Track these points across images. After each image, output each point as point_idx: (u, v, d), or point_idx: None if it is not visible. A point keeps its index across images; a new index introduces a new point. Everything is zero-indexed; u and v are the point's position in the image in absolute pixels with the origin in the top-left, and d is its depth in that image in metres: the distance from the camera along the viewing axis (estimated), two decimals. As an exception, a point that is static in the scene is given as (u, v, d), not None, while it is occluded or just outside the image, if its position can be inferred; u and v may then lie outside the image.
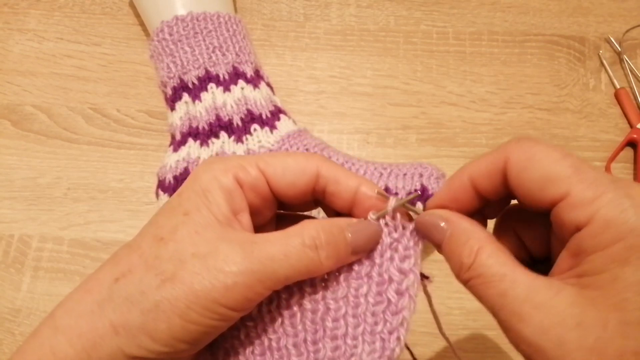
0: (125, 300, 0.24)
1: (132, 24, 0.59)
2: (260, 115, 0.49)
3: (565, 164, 0.22)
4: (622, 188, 0.21)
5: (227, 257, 0.23)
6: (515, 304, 0.22)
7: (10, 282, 0.48)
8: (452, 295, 0.46)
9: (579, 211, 0.21)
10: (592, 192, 0.21)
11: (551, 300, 0.21)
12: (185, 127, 0.49)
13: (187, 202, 0.25)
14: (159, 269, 0.24)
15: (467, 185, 0.26)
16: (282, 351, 0.26)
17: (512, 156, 0.24)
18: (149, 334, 0.23)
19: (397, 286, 0.25)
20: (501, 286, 0.22)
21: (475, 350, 0.46)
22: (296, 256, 0.24)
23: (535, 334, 0.21)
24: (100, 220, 0.50)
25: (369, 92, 0.56)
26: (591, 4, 0.60)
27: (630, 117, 0.54)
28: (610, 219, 0.21)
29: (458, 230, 0.25)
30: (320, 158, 0.27)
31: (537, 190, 0.23)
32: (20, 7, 0.59)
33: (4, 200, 0.51)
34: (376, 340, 0.25)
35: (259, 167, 0.26)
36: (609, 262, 0.21)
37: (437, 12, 0.60)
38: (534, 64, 0.57)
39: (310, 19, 0.59)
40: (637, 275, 0.20)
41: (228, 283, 0.23)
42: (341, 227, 0.26)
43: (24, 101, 0.55)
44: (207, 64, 0.49)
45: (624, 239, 0.20)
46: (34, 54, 0.57)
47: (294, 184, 0.26)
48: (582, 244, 0.21)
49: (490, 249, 0.23)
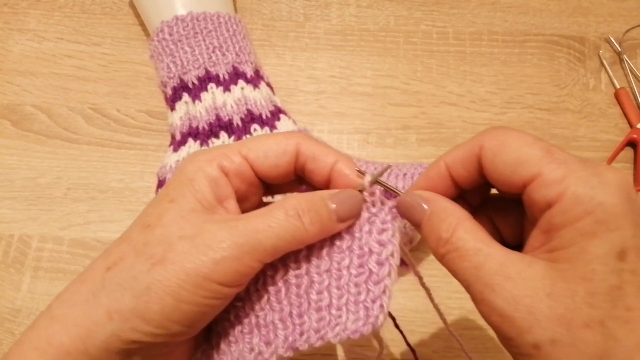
0: (118, 286, 0.24)
1: (132, 24, 0.59)
2: (260, 115, 0.49)
3: (536, 147, 0.23)
4: (590, 167, 0.22)
5: (214, 235, 0.24)
6: (488, 275, 0.23)
7: (10, 282, 0.48)
8: (452, 295, 0.46)
9: (550, 189, 0.22)
10: (562, 171, 0.22)
11: (523, 272, 0.22)
12: (185, 127, 0.49)
13: (173, 191, 0.26)
14: (148, 254, 0.24)
15: (444, 174, 0.27)
16: (269, 327, 0.26)
17: (485, 143, 0.25)
18: (142, 317, 0.24)
19: (377, 257, 0.26)
20: (476, 259, 0.23)
21: (475, 350, 0.46)
22: (280, 225, 0.25)
23: (506, 304, 0.22)
24: (100, 220, 0.50)
25: (369, 92, 0.56)
26: (591, 4, 0.60)
27: (630, 117, 0.54)
28: (579, 195, 0.22)
29: (438, 209, 0.26)
30: (300, 136, 0.28)
31: (510, 172, 0.24)
32: (20, 7, 0.59)
33: (4, 200, 0.51)
34: (360, 309, 0.25)
35: (241, 154, 0.27)
36: (578, 235, 0.21)
37: (437, 12, 0.60)
38: (534, 64, 0.57)
39: (310, 19, 0.59)
40: (603, 248, 0.21)
41: (216, 258, 0.24)
42: (322, 196, 0.27)
43: (24, 101, 0.55)
44: (207, 64, 0.49)
45: (592, 213, 0.21)
46: (34, 54, 0.57)
47: (276, 165, 0.27)
48: (552, 220, 0.22)
49: (468, 225, 0.24)
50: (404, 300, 0.47)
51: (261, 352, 0.26)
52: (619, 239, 0.21)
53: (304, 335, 0.26)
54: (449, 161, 0.26)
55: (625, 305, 0.21)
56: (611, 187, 0.22)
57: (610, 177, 0.22)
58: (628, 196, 0.22)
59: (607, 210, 0.21)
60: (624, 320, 0.21)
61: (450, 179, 0.27)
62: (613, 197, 0.21)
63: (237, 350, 0.27)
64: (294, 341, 0.26)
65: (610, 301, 0.21)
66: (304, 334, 0.26)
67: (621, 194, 0.22)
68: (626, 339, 0.20)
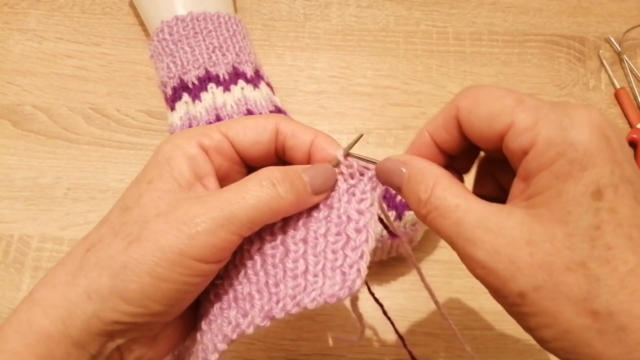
0: (95, 265, 0.24)
1: (132, 24, 0.59)
2: (260, 115, 0.49)
3: (508, 98, 0.23)
4: (561, 109, 0.22)
5: (187, 210, 0.24)
6: (469, 230, 0.23)
7: (10, 282, 0.48)
8: (452, 296, 0.46)
9: (523, 137, 0.22)
10: (533, 118, 0.22)
11: (502, 223, 0.22)
12: (185, 127, 0.49)
13: (150, 172, 0.26)
14: (124, 233, 0.24)
15: (428, 142, 0.27)
16: (246, 299, 0.26)
17: (460, 102, 0.25)
18: (121, 296, 0.23)
19: (356, 224, 0.27)
20: (456, 215, 0.23)
21: (475, 350, 0.46)
22: (254, 196, 0.25)
23: (487, 256, 0.22)
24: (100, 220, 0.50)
25: (369, 92, 0.56)
26: (591, 4, 0.60)
27: (630, 117, 0.54)
28: (550, 138, 0.21)
29: (415, 170, 0.26)
30: (278, 116, 0.28)
31: (486, 127, 0.24)
32: (20, 7, 0.59)
33: (4, 200, 0.51)
34: (337, 274, 0.25)
35: (221, 132, 0.27)
36: (553, 178, 0.21)
37: (437, 12, 0.60)
38: (534, 64, 0.57)
39: (310, 19, 0.59)
40: (578, 188, 0.21)
41: (191, 233, 0.23)
42: (296, 170, 0.27)
43: (24, 101, 0.55)
44: (207, 64, 0.49)
45: (564, 155, 0.21)
46: (34, 54, 0.57)
47: (256, 142, 0.28)
48: (528, 167, 0.22)
49: (445, 182, 0.25)
50: (404, 301, 0.47)
51: (239, 324, 0.25)
52: (594, 177, 0.21)
53: (279, 303, 0.25)
54: (430, 129, 0.27)
55: (605, 245, 0.20)
56: (583, 125, 0.21)
57: (582, 115, 0.22)
58: (601, 133, 0.21)
59: (578, 149, 0.21)
60: (605, 260, 0.20)
61: (435, 147, 0.27)
62: (584, 136, 0.21)
63: (216, 327, 0.26)
64: (270, 309, 0.25)
65: (590, 242, 0.21)
66: (280, 302, 0.25)
67: (593, 131, 0.21)
68: (609, 278, 0.20)
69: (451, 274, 0.47)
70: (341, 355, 0.46)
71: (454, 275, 0.46)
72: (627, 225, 0.21)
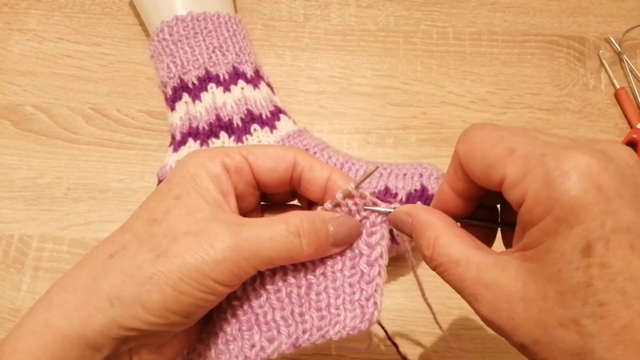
0: (120, 273, 0.25)
1: (132, 24, 0.59)
2: (260, 116, 0.49)
3: (499, 147, 0.23)
4: (552, 159, 0.21)
5: (218, 235, 0.25)
6: (470, 286, 0.24)
7: (11, 282, 0.48)
8: (452, 295, 0.45)
9: (515, 190, 0.22)
10: (522, 170, 0.22)
11: (498, 278, 0.23)
12: (185, 127, 0.49)
13: (177, 187, 0.27)
14: (152, 245, 0.25)
15: (449, 192, 0.27)
16: (271, 324, 0.28)
17: (459, 150, 0.25)
18: (143, 305, 0.24)
19: (367, 258, 0.28)
20: (458, 271, 0.24)
21: (475, 350, 0.46)
22: (280, 240, 0.26)
23: (488, 311, 0.23)
24: (100, 220, 0.50)
25: (369, 92, 0.56)
26: (591, 4, 0.60)
27: (630, 117, 0.54)
28: (537, 194, 0.21)
29: (418, 223, 0.27)
30: (297, 149, 0.30)
31: (484, 177, 0.24)
32: (20, 7, 0.59)
33: (4, 200, 0.51)
34: (356, 307, 0.27)
35: (241, 154, 0.28)
36: (542, 235, 0.21)
37: (437, 12, 0.60)
38: (534, 64, 0.57)
39: (310, 19, 0.59)
40: (566, 246, 0.21)
41: (218, 258, 0.25)
42: (323, 219, 0.28)
43: (24, 101, 0.55)
44: (207, 64, 0.49)
45: (551, 212, 0.21)
46: (34, 54, 0.57)
47: (274, 169, 0.29)
48: (522, 219, 0.23)
49: (446, 237, 0.25)
50: (404, 300, 0.47)
51: (263, 348, 0.27)
52: (582, 233, 0.20)
53: (306, 333, 0.27)
54: (447, 180, 0.27)
55: (597, 301, 0.20)
56: (572, 178, 0.20)
57: (572, 166, 0.21)
58: (594, 183, 0.20)
59: (564, 206, 0.20)
60: (598, 316, 0.20)
61: (456, 197, 0.27)
62: (572, 190, 0.20)
63: (236, 348, 0.28)
64: (297, 338, 0.27)
65: (581, 299, 0.20)
66: (307, 332, 0.27)
67: (583, 184, 0.20)
68: (602, 334, 0.20)
69: (451, 274, 0.47)
70: (341, 355, 0.46)
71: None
72: (620, 279, 0.20)
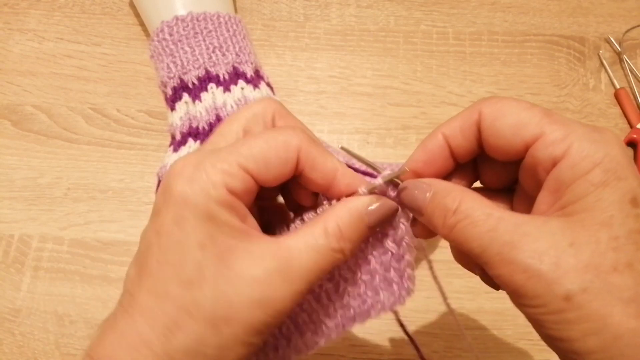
0: (186, 355, 0.24)
1: (132, 24, 0.59)
2: (260, 115, 0.49)
3: (535, 110, 0.24)
4: (588, 126, 0.24)
5: (270, 285, 0.24)
6: (506, 234, 0.23)
7: (10, 282, 0.48)
8: (452, 296, 0.46)
9: (555, 147, 0.23)
10: (564, 130, 0.23)
11: (541, 227, 0.22)
12: (185, 127, 0.49)
13: (198, 235, 0.24)
14: (207, 317, 0.24)
15: (442, 144, 0.27)
16: (316, 322, 0.29)
17: (484, 109, 0.25)
18: None
19: (393, 237, 0.29)
20: (489, 222, 0.23)
21: (476, 350, 0.46)
22: (325, 260, 0.25)
23: (529, 258, 0.22)
24: (100, 220, 0.50)
25: (369, 92, 0.56)
26: (591, 4, 0.60)
27: (630, 117, 0.54)
28: (584, 149, 0.23)
29: (439, 188, 0.26)
30: (299, 140, 0.26)
31: (511, 135, 0.24)
32: (20, 7, 0.59)
33: (4, 200, 0.51)
34: (392, 285, 0.29)
35: (240, 165, 0.25)
36: (590, 186, 0.22)
37: (437, 12, 0.60)
38: (534, 64, 0.57)
39: (310, 19, 0.59)
40: (616, 195, 0.22)
41: (278, 308, 0.24)
42: (361, 216, 0.26)
43: (24, 101, 0.55)
44: (207, 64, 0.49)
45: (600, 164, 0.22)
46: (34, 54, 0.57)
47: (279, 176, 0.26)
48: (561, 177, 0.23)
49: (473, 195, 0.25)
50: (404, 300, 0.47)
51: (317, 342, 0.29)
52: (629, 186, 0.22)
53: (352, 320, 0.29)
54: (447, 132, 0.27)
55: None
56: (611, 141, 0.23)
57: (608, 133, 0.23)
58: (625, 151, 0.23)
59: (613, 160, 0.22)
60: None
61: (448, 150, 0.27)
62: (615, 150, 0.23)
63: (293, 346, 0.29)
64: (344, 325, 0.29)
65: (634, 244, 0.21)
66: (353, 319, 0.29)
67: (621, 148, 0.23)
68: None
69: (451, 274, 0.47)
70: (341, 355, 0.46)
71: (454, 275, 0.46)
72: None
